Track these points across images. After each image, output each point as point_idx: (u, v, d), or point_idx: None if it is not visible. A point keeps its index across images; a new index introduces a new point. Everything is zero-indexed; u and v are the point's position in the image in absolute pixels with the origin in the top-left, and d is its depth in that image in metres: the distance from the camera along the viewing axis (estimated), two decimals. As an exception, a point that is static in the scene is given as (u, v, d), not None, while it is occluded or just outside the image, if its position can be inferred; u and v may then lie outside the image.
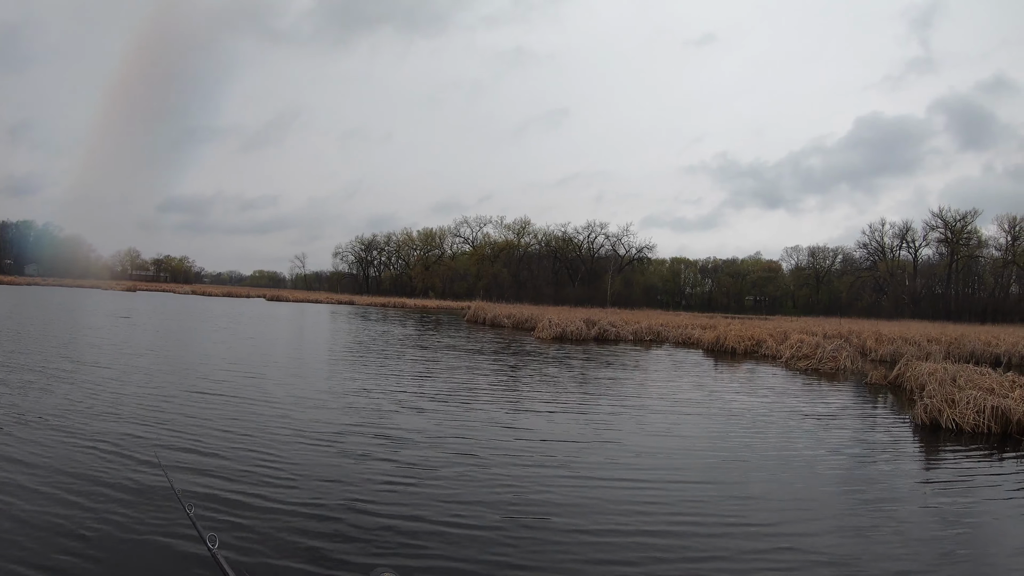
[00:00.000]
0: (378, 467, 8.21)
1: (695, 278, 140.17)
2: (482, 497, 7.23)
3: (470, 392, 15.11)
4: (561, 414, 12.78)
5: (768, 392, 17.07)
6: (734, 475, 8.67)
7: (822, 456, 9.90)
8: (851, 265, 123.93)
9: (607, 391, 16.09)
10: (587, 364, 22.53)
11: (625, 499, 7.38)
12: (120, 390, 12.58)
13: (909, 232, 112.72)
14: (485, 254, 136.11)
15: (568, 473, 8.36)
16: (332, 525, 6.15)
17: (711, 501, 7.41)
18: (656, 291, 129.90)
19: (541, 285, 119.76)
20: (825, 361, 23.35)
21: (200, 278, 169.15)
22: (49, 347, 18.99)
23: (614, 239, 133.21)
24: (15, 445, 8.12)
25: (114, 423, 9.70)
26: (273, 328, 36.70)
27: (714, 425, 12.14)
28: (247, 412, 11.21)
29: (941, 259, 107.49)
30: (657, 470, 8.69)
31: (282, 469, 7.82)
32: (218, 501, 6.55)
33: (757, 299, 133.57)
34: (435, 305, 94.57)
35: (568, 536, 6.19)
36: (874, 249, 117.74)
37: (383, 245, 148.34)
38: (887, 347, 30.02)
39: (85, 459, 7.71)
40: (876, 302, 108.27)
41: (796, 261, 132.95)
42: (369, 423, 10.88)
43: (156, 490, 6.72)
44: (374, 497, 6.99)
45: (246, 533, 5.78)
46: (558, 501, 7.19)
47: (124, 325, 30.77)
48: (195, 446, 8.65)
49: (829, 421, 13.02)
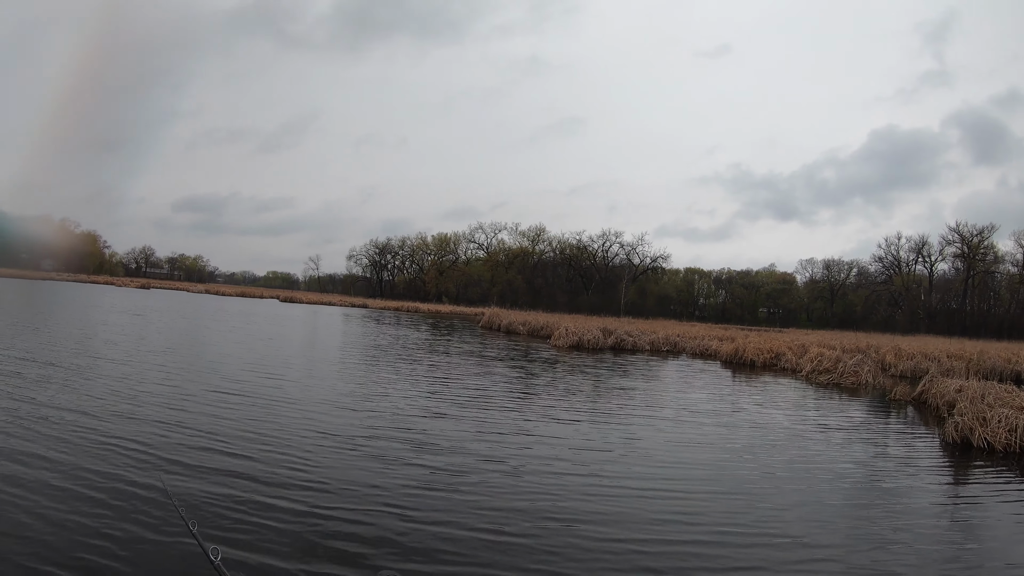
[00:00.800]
0: (402, 472, 8.21)
1: (709, 289, 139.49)
2: (510, 504, 7.23)
3: (492, 398, 15.09)
4: (586, 422, 12.77)
5: (791, 405, 16.97)
6: (763, 487, 8.63)
7: (852, 471, 9.84)
8: (866, 279, 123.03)
9: (630, 401, 16.04)
10: (607, 373, 22.48)
11: (655, 508, 7.36)
12: (137, 388, 12.62)
13: (925, 246, 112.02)
14: (499, 260, 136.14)
15: (596, 482, 8.34)
16: (346, 528, 6.14)
17: (742, 512, 7.38)
18: (670, 301, 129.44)
19: (555, 293, 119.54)
20: (846, 376, 23.16)
21: (214, 277, 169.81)
22: (67, 342, 19.12)
23: (629, 248, 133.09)
24: (32, 441, 8.14)
25: (131, 422, 9.75)
26: (289, 329, 36.83)
27: (739, 437, 12.07)
28: (267, 414, 11.23)
29: (957, 274, 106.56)
30: (686, 480, 8.68)
31: (302, 471, 7.81)
32: (231, 500, 6.56)
33: (771, 311, 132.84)
34: (448, 310, 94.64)
35: (596, 544, 6.17)
36: (890, 263, 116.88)
37: (397, 249, 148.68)
38: (907, 363, 29.82)
39: (97, 457, 7.75)
40: (891, 316, 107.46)
41: (811, 274, 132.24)
42: (391, 427, 10.90)
43: (165, 491, 6.75)
44: (399, 502, 6.97)
45: (257, 535, 5.79)
46: (587, 509, 7.18)
47: (141, 323, 30.96)
48: (213, 445, 8.68)
49: (856, 436, 12.93)
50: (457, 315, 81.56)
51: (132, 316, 35.23)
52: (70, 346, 18.39)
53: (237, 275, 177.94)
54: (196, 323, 35.60)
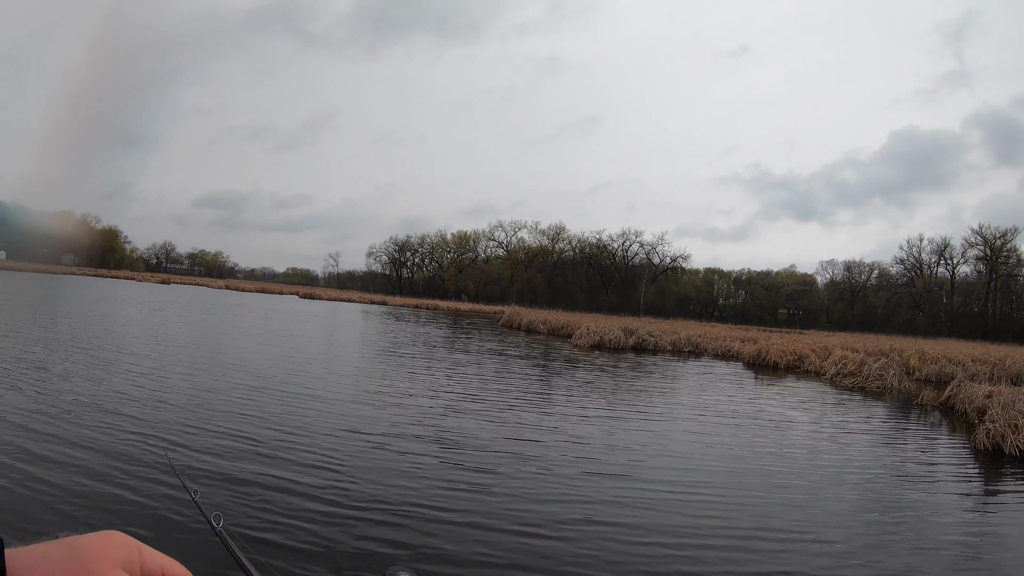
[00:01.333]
0: (431, 470, 8.32)
1: (729, 289, 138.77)
2: (541, 504, 7.32)
3: (517, 397, 15.22)
4: (613, 422, 12.91)
5: (817, 408, 16.95)
6: (792, 491, 8.69)
7: (882, 477, 9.87)
8: (887, 281, 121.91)
9: (656, 401, 16.12)
10: (631, 373, 22.54)
11: (686, 511, 7.46)
12: (161, 382, 12.91)
13: (947, 248, 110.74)
14: (519, 259, 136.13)
15: (627, 484, 8.45)
16: (374, 529, 6.18)
17: (773, 516, 7.47)
18: (689, 301, 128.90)
19: (574, 291, 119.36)
20: (871, 379, 23.05)
21: (233, 273, 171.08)
22: (91, 337, 19.49)
23: (648, 248, 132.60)
24: (51, 437, 8.36)
25: (160, 410, 9.96)
26: (311, 326, 37.10)
27: (767, 440, 12.11)
28: (294, 410, 11.37)
29: (979, 277, 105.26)
30: (716, 482, 8.79)
31: (332, 470, 7.91)
32: (259, 499, 6.66)
33: (791, 312, 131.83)
34: (468, 308, 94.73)
35: (628, 546, 6.23)
36: (911, 265, 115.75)
37: (417, 246, 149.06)
38: (931, 366, 29.58)
39: (114, 440, 7.94)
40: (912, 319, 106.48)
41: (831, 275, 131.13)
42: (419, 425, 11.04)
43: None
44: (429, 501, 7.06)
45: (286, 533, 5.89)
46: (619, 510, 7.27)
47: (162, 318, 31.40)
48: (240, 443, 8.81)
49: (885, 442, 12.94)
50: (476, 313, 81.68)
51: (153, 311, 35.66)
52: (94, 341, 18.75)
53: (257, 271, 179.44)
54: (218, 319, 36.00)
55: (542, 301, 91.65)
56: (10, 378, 11.81)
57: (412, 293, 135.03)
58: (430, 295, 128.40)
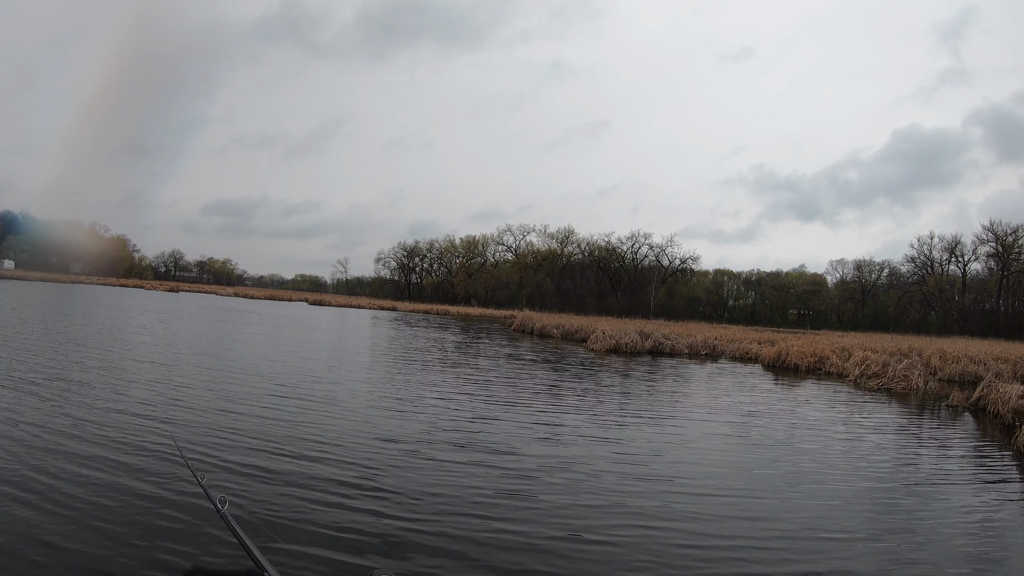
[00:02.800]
0: (469, 477, 8.21)
1: (738, 290, 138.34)
2: (580, 509, 7.23)
3: (543, 401, 15.19)
4: (643, 425, 12.82)
5: (846, 411, 16.74)
6: (831, 496, 8.52)
7: (923, 482, 9.66)
8: (897, 279, 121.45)
9: (682, 404, 16.03)
10: (653, 377, 22.41)
11: (722, 512, 7.40)
12: (183, 386, 12.80)
13: (958, 246, 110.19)
14: (528, 263, 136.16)
15: (666, 487, 8.38)
16: (417, 537, 6.10)
17: (817, 518, 7.33)
18: (699, 303, 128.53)
19: (584, 295, 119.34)
20: (896, 380, 22.78)
21: (242, 280, 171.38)
22: (106, 347, 19.36)
23: (658, 250, 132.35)
24: (86, 438, 8.23)
25: (183, 410, 9.83)
26: (324, 333, 37.06)
27: (801, 443, 11.92)
28: (323, 418, 11.32)
29: (991, 274, 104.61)
30: (751, 485, 8.63)
31: (368, 480, 7.79)
32: (290, 508, 6.56)
33: (801, 313, 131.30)
34: (478, 313, 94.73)
35: (669, 548, 6.19)
36: (922, 263, 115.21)
37: (425, 252, 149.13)
38: (952, 366, 29.25)
39: (128, 436, 7.81)
40: (924, 317, 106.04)
41: (841, 275, 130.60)
42: (451, 431, 10.99)
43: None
44: (469, 510, 6.95)
45: (321, 544, 5.77)
46: (657, 512, 7.19)
47: (174, 326, 31.30)
48: (272, 450, 8.73)
49: (922, 446, 12.77)
50: (487, 318, 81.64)
51: (162, 319, 35.61)
52: (108, 351, 18.63)
53: (265, 278, 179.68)
54: (230, 326, 35.90)
55: (551, 305, 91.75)
56: (25, 381, 11.70)
57: (421, 298, 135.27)
58: (439, 300, 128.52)
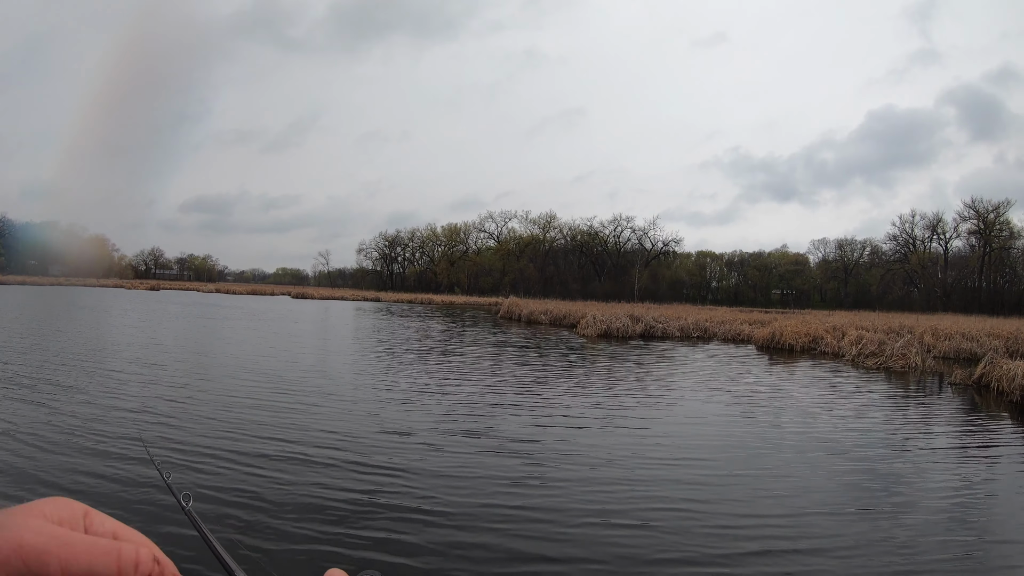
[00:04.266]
0: (492, 469, 7.87)
1: (721, 272, 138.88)
2: (612, 495, 6.99)
3: (547, 389, 14.78)
4: (657, 408, 12.51)
5: (852, 392, 16.31)
6: (864, 475, 8.25)
7: (946, 467, 9.15)
8: (879, 258, 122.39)
9: (690, 386, 15.62)
10: (650, 360, 22.00)
11: (753, 494, 6.86)
12: (183, 386, 12.12)
13: (940, 223, 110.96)
14: (510, 249, 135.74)
15: (693, 471, 7.94)
16: (459, 535, 5.83)
17: (848, 499, 6.81)
18: (683, 285, 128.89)
19: (568, 280, 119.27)
20: (894, 359, 22.49)
21: (223, 276, 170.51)
22: (89, 349, 18.67)
23: (640, 233, 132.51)
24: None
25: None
26: (312, 326, 36.27)
27: (819, 426, 11.39)
28: (333, 412, 10.92)
29: (973, 251, 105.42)
30: (779, 465, 8.19)
31: (394, 477, 7.39)
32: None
33: (784, 292, 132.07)
34: (462, 301, 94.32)
35: (700, 529, 5.93)
36: (904, 241, 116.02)
37: (407, 241, 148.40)
38: (945, 343, 29.09)
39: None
40: (907, 295, 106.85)
41: (823, 254, 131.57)
42: (465, 422, 10.61)
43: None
44: (497, 500, 6.44)
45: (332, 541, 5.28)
46: (684, 496, 6.68)
47: (160, 324, 30.61)
48: (289, 443, 8.23)
49: (937, 429, 12.29)
50: (471, 306, 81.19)
51: (143, 319, 34.89)
52: (84, 354, 17.95)
53: (247, 273, 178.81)
54: (214, 323, 35.12)
55: (535, 291, 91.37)
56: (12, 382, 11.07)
57: (404, 288, 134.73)
58: (422, 289, 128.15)
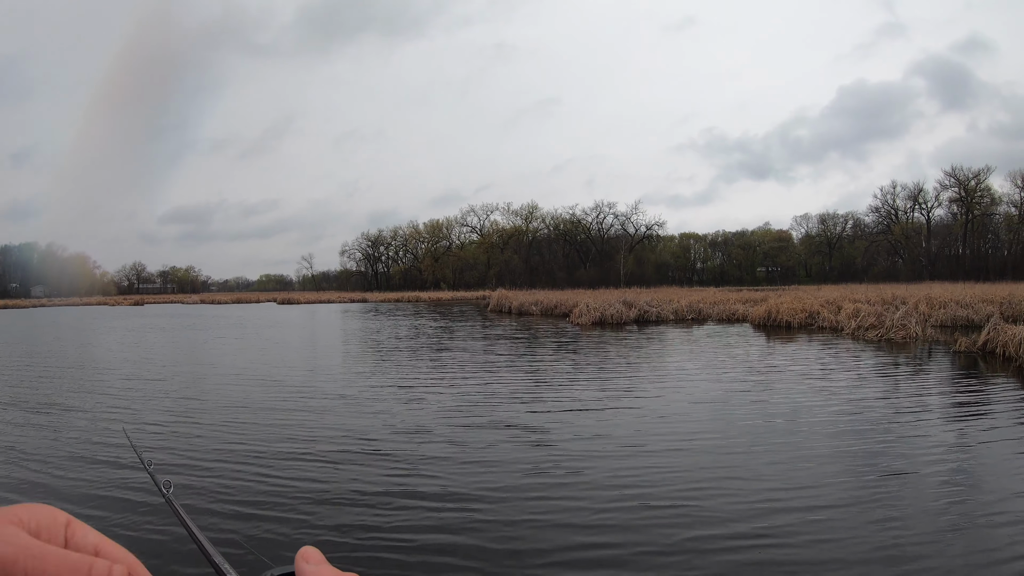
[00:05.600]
0: (516, 464, 7.73)
1: (705, 252, 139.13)
2: (631, 481, 6.76)
3: (557, 381, 14.57)
4: (672, 391, 12.44)
5: (859, 366, 15.96)
6: (892, 457, 7.89)
7: (977, 434, 8.84)
8: (861, 230, 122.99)
9: (700, 368, 15.39)
10: (652, 345, 21.75)
11: (790, 474, 6.45)
12: (193, 399, 11.64)
13: (921, 193, 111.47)
14: (494, 242, 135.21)
15: (731, 456, 7.53)
16: (495, 530, 5.71)
17: (880, 480, 6.41)
18: (668, 268, 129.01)
19: (553, 269, 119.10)
20: (895, 330, 22.27)
21: (207, 286, 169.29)
22: (80, 364, 18.13)
23: (623, 218, 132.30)
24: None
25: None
26: (304, 331, 35.67)
27: (835, 402, 11.02)
28: (351, 415, 10.76)
29: (955, 219, 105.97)
30: (802, 447, 7.77)
31: (423, 476, 7.24)
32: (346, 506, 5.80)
33: (769, 270, 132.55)
34: (449, 297, 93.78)
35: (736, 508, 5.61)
36: (887, 212, 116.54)
37: (390, 240, 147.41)
38: (941, 312, 28.97)
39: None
40: (892, 265, 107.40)
41: (806, 229, 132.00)
42: (484, 417, 10.53)
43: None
44: (520, 495, 6.11)
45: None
46: (731, 482, 6.26)
47: (146, 339, 30.02)
48: (312, 447, 8.29)
49: (956, 399, 11.96)
50: (459, 301, 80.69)
51: (127, 334, 34.26)
52: (76, 370, 17.44)
53: (230, 282, 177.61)
54: (201, 334, 34.53)
55: (521, 282, 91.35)
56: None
57: (390, 287, 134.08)
58: (408, 287, 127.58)
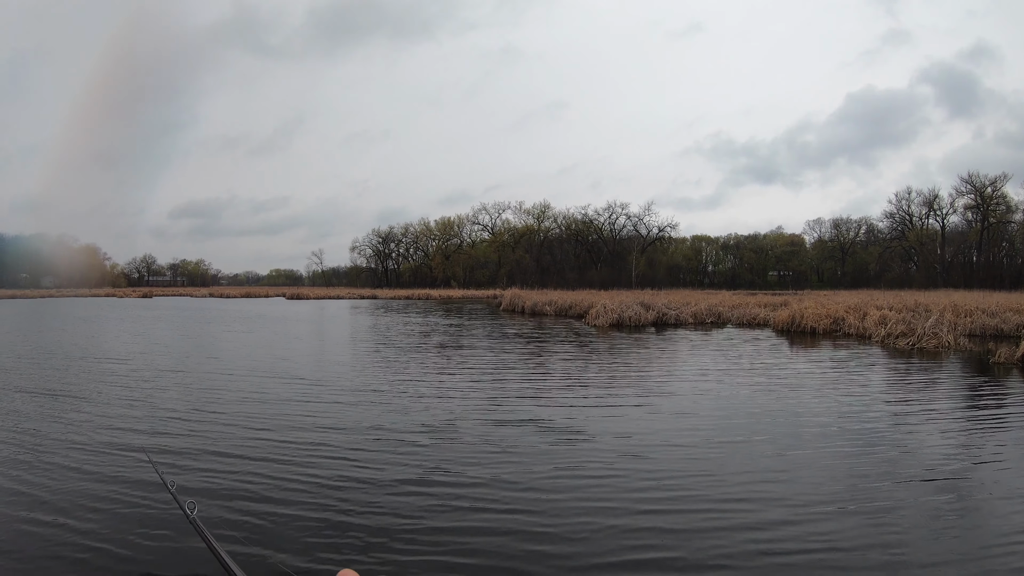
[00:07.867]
0: (539, 465, 7.70)
1: (717, 255, 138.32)
2: (650, 495, 6.72)
3: (578, 382, 14.37)
4: (707, 398, 12.21)
5: (895, 376, 15.48)
6: (948, 474, 7.53)
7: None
8: (875, 236, 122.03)
9: (729, 375, 14.86)
10: (673, 348, 21.32)
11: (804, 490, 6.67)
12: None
13: (936, 199, 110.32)
14: (505, 240, 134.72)
15: (771, 462, 7.35)
16: (528, 527, 5.81)
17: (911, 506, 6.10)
18: (679, 270, 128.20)
19: (564, 269, 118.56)
20: (926, 338, 21.65)
21: (217, 280, 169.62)
22: (78, 361, 17.81)
23: (636, 219, 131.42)
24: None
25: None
26: (315, 327, 35.43)
27: (878, 415, 10.53)
28: (370, 412, 10.81)
29: (971, 226, 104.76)
30: (835, 456, 7.35)
31: (449, 472, 7.32)
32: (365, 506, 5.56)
33: (781, 274, 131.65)
34: (460, 295, 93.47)
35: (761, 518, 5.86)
36: (901, 218, 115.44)
37: (400, 237, 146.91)
38: (967, 320, 28.27)
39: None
40: (906, 272, 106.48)
41: (819, 234, 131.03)
42: (509, 415, 10.54)
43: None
44: (544, 493, 5.74)
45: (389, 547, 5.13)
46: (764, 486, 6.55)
47: (151, 333, 29.73)
48: (339, 442, 8.48)
49: (1012, 414, 11.45)
50: (470, 299, 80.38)
51: (134, 327, 33.94)
52: (91, 363, 17.10)
53: (240, 276, 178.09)
54: (209, 328, 34.30)
55: (532, 281, 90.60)
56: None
57: (399, 284, 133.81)
58: (418, 285, 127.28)
